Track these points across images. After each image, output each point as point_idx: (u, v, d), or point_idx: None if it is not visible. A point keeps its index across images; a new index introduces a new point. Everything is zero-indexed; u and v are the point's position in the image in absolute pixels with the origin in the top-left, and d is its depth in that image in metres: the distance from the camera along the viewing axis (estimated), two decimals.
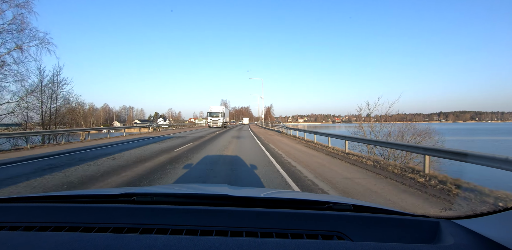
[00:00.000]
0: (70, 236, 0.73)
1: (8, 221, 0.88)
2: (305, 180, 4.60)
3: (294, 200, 1.08)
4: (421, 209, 3.19)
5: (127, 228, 0.83)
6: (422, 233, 0.82)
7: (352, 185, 4.34)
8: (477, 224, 0.78)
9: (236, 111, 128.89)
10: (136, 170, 5.29)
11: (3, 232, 0.81)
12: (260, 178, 4.73)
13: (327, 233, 0.82)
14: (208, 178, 4.63)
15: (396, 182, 4.56)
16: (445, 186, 4.17)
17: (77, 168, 5.54)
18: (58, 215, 0.92)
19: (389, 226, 0.86)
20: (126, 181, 4.40)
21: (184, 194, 1.19)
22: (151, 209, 0.94)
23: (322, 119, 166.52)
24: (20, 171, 5.35)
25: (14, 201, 1.04)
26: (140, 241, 0.69)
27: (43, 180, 4.52)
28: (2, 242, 0.69)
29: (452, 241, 0.71)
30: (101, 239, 0.70)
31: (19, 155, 8.08)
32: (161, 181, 4.43)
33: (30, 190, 3.90)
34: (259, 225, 0.85)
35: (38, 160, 6.85)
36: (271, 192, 1.41)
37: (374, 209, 0.97)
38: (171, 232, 0.81)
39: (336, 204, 0.97)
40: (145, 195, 1.05)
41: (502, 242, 0.67)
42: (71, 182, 4.32)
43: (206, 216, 0.89)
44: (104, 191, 1.29)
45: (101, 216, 0.91)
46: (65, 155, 7.88)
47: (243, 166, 5.95)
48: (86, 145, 10.97)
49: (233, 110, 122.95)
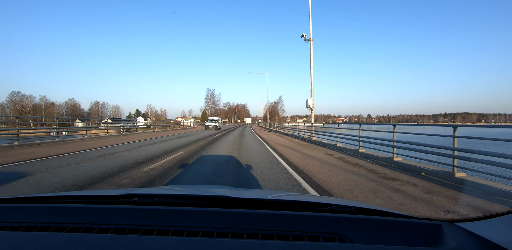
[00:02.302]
0: (71, 236, 0.73)
1: (9, 221, 0.89)
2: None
3: (295, 202, 1.08)
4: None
5: (128, 229, 0.84)
6: (424, 236, 0.82)
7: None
8: (480, 227, 0.78)
9: (230, 109, 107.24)
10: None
11: (4, 232, 0.81)
12: None
13: (328, 236, 0.82)
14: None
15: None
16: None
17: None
18: (59, 216, 0.93)
19: (391, 228, 0.85)
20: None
21: (185, 195, 1.18)
22: (152, 210, 0.94)
23: (323, 120, 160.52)
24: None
25: (15, 202, 1.04)
26: (141, 242, 0.69)
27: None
28: (3, 242, 0.69)
29: (455, 244, 0.71)
30: (102, 240, 0.70)
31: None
32: None
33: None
34: (260, 227, 0.85)
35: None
36: (272, 194, 1.38)
37: (376, 212, 0.97)
38: (172, 233, 0.81)
39: (338, 206, 0.97)
40: (147, 196, 1.06)
41: (505, 245, 0.66)
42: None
43: (207, 217, 0.89)
44: (106, 192, 1.27)
45: (102, 217, 0.92)
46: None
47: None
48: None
49: (226, 108, 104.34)
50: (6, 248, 0.66)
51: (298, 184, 4.33)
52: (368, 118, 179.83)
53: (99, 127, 21.13)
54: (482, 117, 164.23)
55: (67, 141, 11.92)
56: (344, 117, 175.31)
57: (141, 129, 24.71)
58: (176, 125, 39.53)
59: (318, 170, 5.60)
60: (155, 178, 4.57)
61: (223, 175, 4.82)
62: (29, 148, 9.24)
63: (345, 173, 5.36)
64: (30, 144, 10.33)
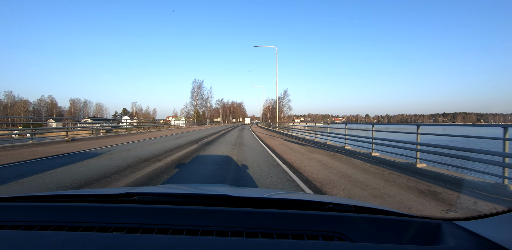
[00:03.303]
0: (71, 235, 0.73)
1: (9, 220, 0.89)
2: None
3: (294, 201, 1.08)
4: None
5: (127, 228, 0.83)
6: (424, 234, 0.82)
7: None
8: (479, 226, 0.78)
9: (224, 108, 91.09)
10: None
11: (4, 231, 0.81)
12: None
13: (327, 234, 0.82)
14: None
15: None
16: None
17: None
18: (59, 215, 0.93)
19: (390, 227, 0.85)
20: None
21: (185, 194, 1.17)
22: (152, 209, 0.94)
23: (321, 120, 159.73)
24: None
25: (15, 200, 1.05)
26: (141, 241, 0.69)
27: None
28: (3, 241, 0.69)
29: (454, 243, 0.71)
30: (101, 239, 0.70)
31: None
32: None
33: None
34: (260, 225, 0.85)
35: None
36: (271, 193, 1.34)
37: (375, 210, 0.97)
38: (172, 232, 0.81)
39: (337, 205, 0.97)
40: (146, 195, 1.06)
41: (504, 244, 0.67)
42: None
43: (207, 216, 0.89)
44: (105, 191, 1.26)
45: (102, 215, 0.92)
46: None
47: None
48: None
49: (220, 105, 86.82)
50: (6, 247, 0.66)
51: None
52: (366, 118, 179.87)
53: (71, 128, 16.53)
54: (481, 117, 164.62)
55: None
56: (342, 117, 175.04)
57: (126, 130, 20.64)
58: (166, 125, 34.08)
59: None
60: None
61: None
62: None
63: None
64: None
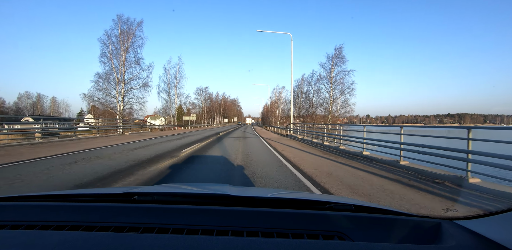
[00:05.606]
0: (71, 235, 0.73)
1: (9, 220, 0.89)
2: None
3: (295, 200, 1.08)
4: None
5: (128, 227, 0.83)
6: (424, 234, 0.82)
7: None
8: (479, 225, 0.78)
9: (214, 104, 57.40)
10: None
11: (4, 230, 0.81)
12: None
13: (328, 233, 0.82)
14: None
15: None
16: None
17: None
18: (59, 214, 0.93)
19: (390, 226, 0.85)
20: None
21: (185, 193, 1.17)
22: (152, 209, 0.94)
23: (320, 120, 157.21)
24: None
25: (15, 200, 1.05)
26: (141, 240, 0.69)
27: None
28: (3, 240, 0.69)
29: (454, 242, 0.71)
30: (102, 238, 0.70)
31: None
32: None
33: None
34: (260, 225, 0.85)
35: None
36: (272, 192, 1.35)
37: (375, 210, 0.97)
38: (172, 231, 0.81)
39: (337, 204, 0.97)
40: (147, 194, 1.06)
41: (504, 243, 0.66)
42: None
43: (207, 215, 0.90)
44: (106, 190, 1.26)
45: (102, 215, 0.92)
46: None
47: None
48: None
49: (204, 97, 50.39)
50: (7, 246, 0.66)
51: None
52: (368, 119, 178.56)
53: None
54: (485, 118, 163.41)
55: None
56: (342, 118, 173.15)
57: (74, 133, 14.75)
58: (137, 127, 23.17)
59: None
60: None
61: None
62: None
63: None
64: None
